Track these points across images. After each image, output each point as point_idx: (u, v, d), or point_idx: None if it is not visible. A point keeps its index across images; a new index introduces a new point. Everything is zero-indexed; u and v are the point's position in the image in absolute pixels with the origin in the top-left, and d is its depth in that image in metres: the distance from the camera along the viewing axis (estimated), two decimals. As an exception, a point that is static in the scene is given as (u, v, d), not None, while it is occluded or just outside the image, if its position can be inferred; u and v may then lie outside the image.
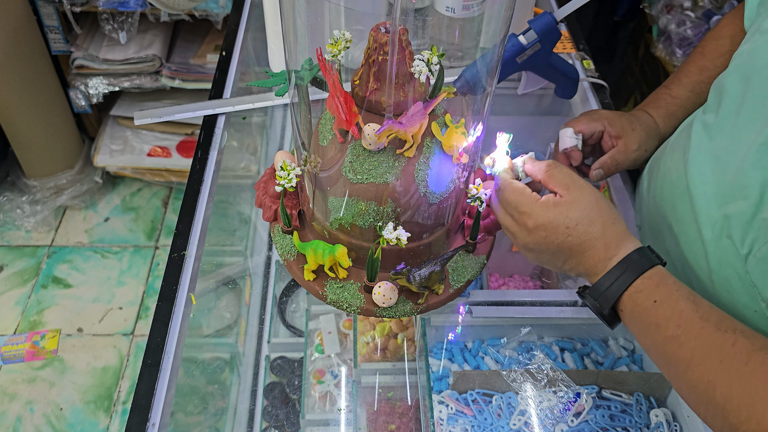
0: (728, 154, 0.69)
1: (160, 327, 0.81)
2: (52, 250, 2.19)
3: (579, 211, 0.64)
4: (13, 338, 1.94)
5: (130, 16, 2.02)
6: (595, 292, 0.63)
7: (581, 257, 0.64)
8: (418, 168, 0.66)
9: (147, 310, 2.04)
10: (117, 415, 1.79)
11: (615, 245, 0.63)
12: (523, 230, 0.67)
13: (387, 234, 0.65)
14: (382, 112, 0.65)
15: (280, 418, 1.10)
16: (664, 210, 0.81)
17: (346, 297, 0.72)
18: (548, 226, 0.65)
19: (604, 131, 0.89)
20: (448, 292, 0.74)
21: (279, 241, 0.77)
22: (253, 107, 1.11)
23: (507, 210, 0.69)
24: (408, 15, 0.95)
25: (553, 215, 0.64)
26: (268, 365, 1.17)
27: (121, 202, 2.36)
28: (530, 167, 0.71)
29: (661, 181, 0.84)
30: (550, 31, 0.92)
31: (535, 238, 0.66)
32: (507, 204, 0.68)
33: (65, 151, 2.22)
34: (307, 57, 0.68)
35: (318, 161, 0.69)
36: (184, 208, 0.94)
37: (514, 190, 0.68)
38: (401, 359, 0.97)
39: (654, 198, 0.85)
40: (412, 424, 0.94)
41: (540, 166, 0.69)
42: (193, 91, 2.18)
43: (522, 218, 0.66)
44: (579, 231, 0.64)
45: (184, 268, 0.87)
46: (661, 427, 0.82)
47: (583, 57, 1.22)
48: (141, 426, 0.72)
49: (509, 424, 0.83)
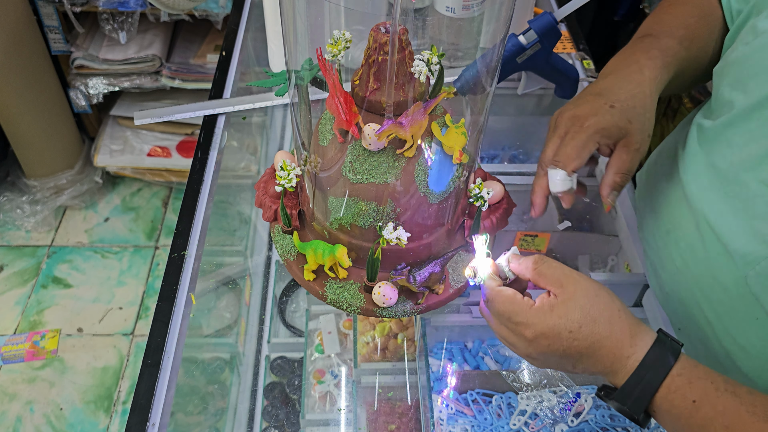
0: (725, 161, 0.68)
1: (160, 327, 0.81)
2: (52, 250, 2.19)
3: (579, 312, 0.59)
4: (13, 338, 1.94)
5: (130, 16, 2.02)
6: (623, 398, 0.58)
7: (593, 359, 0.59)
8: (418, 168, 0.66)
9: (147, 310, 2.04)
10: (117, 415, 1.79)
11: (629, 342, 0.58)
12: (523, 341, 0.62)
13: (387, 234, 0.65)
14: (382, 112, 0.65)
15: (280, 418, 1.10)
16: (662, 215, 0.80)
17: (346, 297, 0.72)
18: (549, 334, 0.59)
19: (598, 147, 0.73)
20: (448, 292, 0.74)
21: (279, 241, 0.77)
22: (253, 107, 1.11)
23: (501, 321, 0.63)
24: (408, 15, 0.95)
25: (552, 321, 0.59)
26: (268, 365, 1.17)
27: (121, 202, 2.36)
28: (516, 266, 0.65)
29: (655, 184, 0.83)
30: (550, 31, 0.92)
31: (537, 347, 0.61)
32: (500, 315, 0.63)
33: (65, 151, 2.22)
34: (307, 57, 0.68)
35: (318, 161, 0.69)
36: (184, 208, 0.94)
37: (504, 300, 0.62)
38: (401, 359, 0.97)
39: (651, 203, 0.84)
40: (412, 424, 0.94)
41: (527, 264, 0.63)
42: (193, 91, 2.18)
43: (519, 329, 0.61)
44: (584, 333, 0.59)
45: (184, 268, 0.87)
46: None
47: (583, 57, 1.22)
48: (141, 426, 0.72)
49: (509, 424, 0.83)
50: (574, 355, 0.60)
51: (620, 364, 0.58)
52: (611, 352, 0.58)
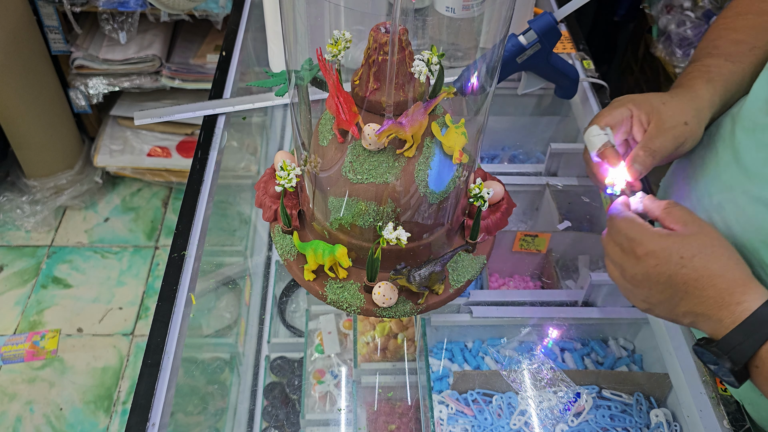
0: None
1: (160, 327, 0.81)
2: (52, 250, 2.19)
3: (697, 245, 0.57)
4: (13, 338, 1.94)
5: (130, 16, 2.02)
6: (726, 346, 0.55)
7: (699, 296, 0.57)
8: (418, 168, 0.66)
9: (147, 310, 2.04)
10: (117, 415, 1.79)
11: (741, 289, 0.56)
12: (631, 259, 0.61)
13: (387, 234, 0.65)
14: (382, 112, 0.65)
15: (280, 418, 1.10)
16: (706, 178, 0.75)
17: (346, 297, 0.72)
18: (660, 254, 0.58)
19: (632, 116, 0.74)
20: (448, 292, 0.74)
21: (279, 241, 0.77)
22: (253, 107, 1.11)
23: (616, 239, 0.63)
24: (408, 15, 0.95)
25: (666, 243, 0.58)
26: (268, 365, 1.17)
27: (121, 202, 2.36)
28: (649, 203, 0.65)
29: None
30: (550, 31, 0.92)
31: (643, 267, 0.59)
32: (617, 232, 0.63)
33: (65, 151, 2.22)
34: (307, 57, 0.68)
35: (318, 161, 0.69)
36: (184, 208, 0.94)
37: (625, 218, 0.63)
38: (401, 359, 0.97)
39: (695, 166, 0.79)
40: (412, 424, 0.94)
41: (659, 204, 0.64)
42: (193, 91, 2.18)
43: (631, 245, 0.61)
44: (695, 264, 0.57)
45: (184, 268, 0.87)
46: (661, 427, 0.82)
47: (583, 57, 1.22)
48: (141, 426, 0.72)
49: (509, 424, 0.83)
50: (679, 286, 0.57)
51: (728, 310, 0.55)
52: (720, 295, 0.56)
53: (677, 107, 0.72)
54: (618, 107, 0.74)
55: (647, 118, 0.73)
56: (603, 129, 0.73)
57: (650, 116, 0.72)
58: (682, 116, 0.72)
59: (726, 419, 0.74)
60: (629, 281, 0.62)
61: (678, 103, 0.73)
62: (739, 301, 0.55)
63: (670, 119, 0.71)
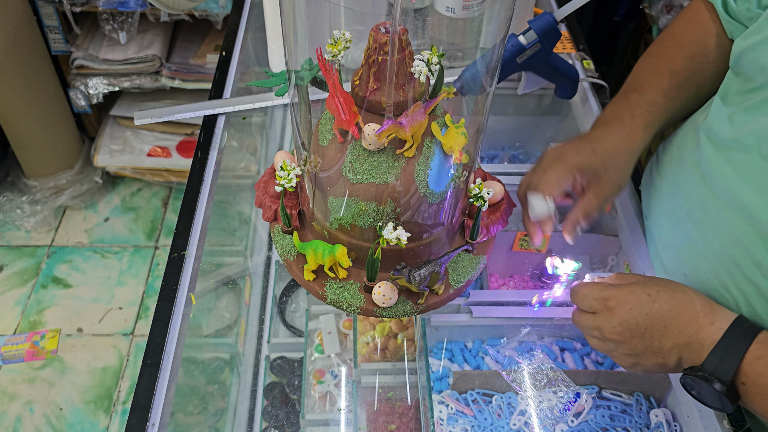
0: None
1: (160, 327, 0.81)
2: (52, 250, 2.20)
3: (655, 283, 0.64)
4: (13, 338, 1.94)
5: (130, 16, 2.02)
6: (710, 365, 0.59)
7: (677, 325, 0.61)
8: (418, 168, 0.66)
9: (147, 310, 2.04)
10: (117, 415, 1.79)
11: (709, 310, 0.61)
12: (606, 315, 0.65)
13: (387, 234, 0.64)
14: (382, 112, 0.65)
15: (280, 418, 1.10)
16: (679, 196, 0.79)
17: (346, 297, 0.72)
18: (630, 299, 0.63)
19: (575, 180, 0.78)
20: (448, 292, 0.74)
21: (279, 241, 0.77)
22: (253, 107, 1.11)
23: (585, 306, 0.68)
24: (408, 15, 0.95)
25: (631, 288, 0.64)
26: (268, 365, 1.16)
27: (121, 202, 2.36)
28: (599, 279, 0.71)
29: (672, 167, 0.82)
30: (550, 31, 0.92)
31: (619, 316, 0.63)
32: (583, 300, 0.68)
33: (65, 151, 2.22)
34: (307, 57, 0.68)
35: (318, 161, 0.69)
36: (184, 208, 0.94)
37: (588, 284, 0.69)
38: (401, 359, 0.97)
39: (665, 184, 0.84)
40: (412, 424, 0.94)
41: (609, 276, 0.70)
42: (193, 91, 2.18)
43: (602, 303, 0.65)
44: (663, 296, 0.62)
45: (184, 268, 0.87)
46: (661, 427, 0.82)
47: (583, 57, 1.22)
48: (141, 426, 0.72)
49: (509, 424, 0.83)
50: (657, 322, 0.61)
51: (705, 332, 0.60)
52: (695, 318, 0.60)
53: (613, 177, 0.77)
54: (564, 175, 0.76)
55: (588, 184, 0.78)
56: (547, 200, 0.76)
57: (591, 183, 0.77)
58: (618, 182, 0.78)
59: (726, 419, 0.74)
60: (611, 339, 0.65)
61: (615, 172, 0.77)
62: (712, 321, 0.60)
63: (609, 184, 0.77)
